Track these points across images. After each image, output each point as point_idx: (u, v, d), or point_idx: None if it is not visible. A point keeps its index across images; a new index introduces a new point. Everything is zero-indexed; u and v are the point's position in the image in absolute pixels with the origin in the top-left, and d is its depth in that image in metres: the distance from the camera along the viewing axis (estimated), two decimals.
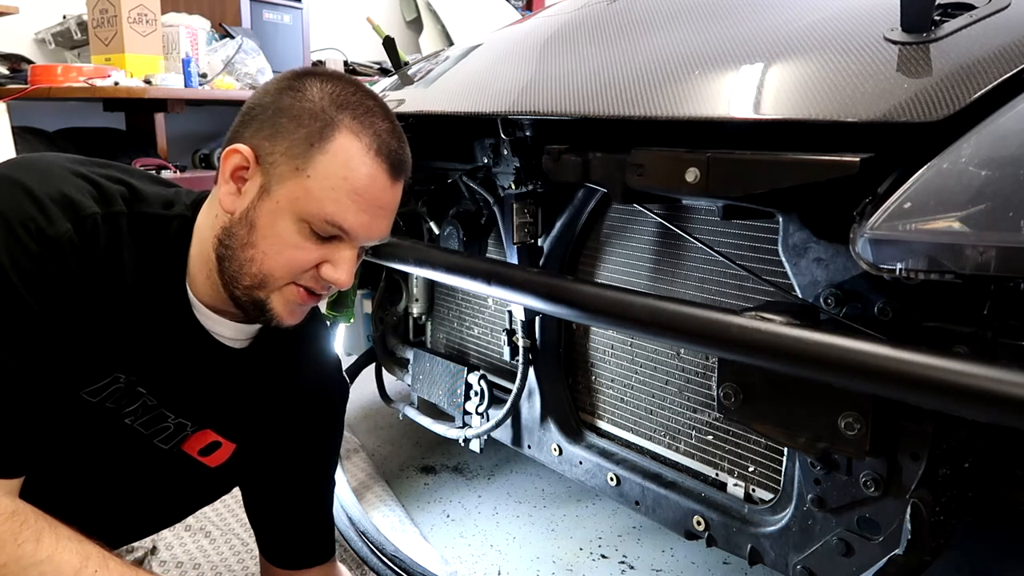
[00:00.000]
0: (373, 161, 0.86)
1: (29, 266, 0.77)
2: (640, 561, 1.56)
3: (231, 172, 0.86)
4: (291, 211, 0.85)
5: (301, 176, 0.84)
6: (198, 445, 1.01)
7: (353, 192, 0.85)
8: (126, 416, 0.92)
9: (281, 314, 0.90)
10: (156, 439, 0.96)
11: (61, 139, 2.77)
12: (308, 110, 0.85)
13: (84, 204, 0.82)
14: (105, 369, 0.88)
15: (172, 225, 0.90)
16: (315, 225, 0.85)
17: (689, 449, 1.31)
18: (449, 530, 1.69)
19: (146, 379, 0.91)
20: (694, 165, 0.96)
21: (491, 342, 1.71)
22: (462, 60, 1.56)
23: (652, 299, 0.96)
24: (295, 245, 0.86)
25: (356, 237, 0.88)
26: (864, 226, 0.77)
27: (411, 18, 4.67)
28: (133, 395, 0.91)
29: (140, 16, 2.74)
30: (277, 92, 0.88)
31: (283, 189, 0.85)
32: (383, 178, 0.88)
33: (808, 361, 0.81)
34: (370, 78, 3.83)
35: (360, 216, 0.86)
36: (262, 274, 0.87)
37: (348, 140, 0.85)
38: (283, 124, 0.85)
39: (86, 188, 0.84)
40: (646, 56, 1.14)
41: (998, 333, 0.83)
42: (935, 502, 0.91)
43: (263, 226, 0.85)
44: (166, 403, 0.94)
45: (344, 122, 0.85)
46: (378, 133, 0.87)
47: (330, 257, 0.88)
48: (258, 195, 0.85)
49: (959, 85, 0.79)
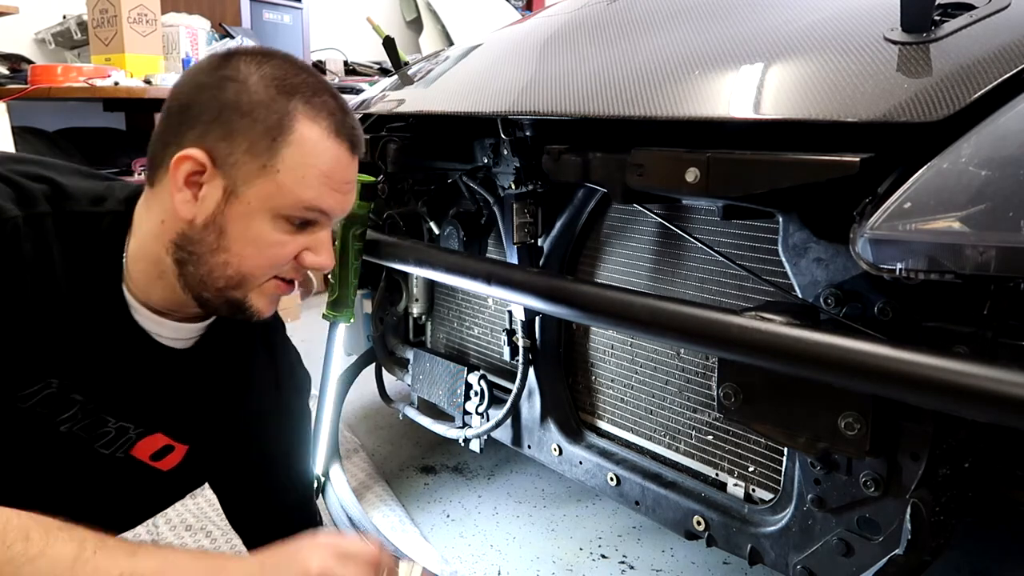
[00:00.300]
0: (335, 143, 0.86)
1: None
2: (640, 561, 1.56)
3: (184, 179, 0.83)
4: (265, 209, 0.84)
5: (270, 172, 0.83)
6: (149, 450, 0.98)
7: (323, 175, 0.85)
8: (62, 423, 0.89)
9: (260, 309, 0.89)
10: (97, 444, 0.94)
11: (61, 139, 2.77)
12: (258, 103, 0.83)
13: (3, 207, 0.79)
14: (37, 374, 0.85)
15: (103, 223, 0.87)
16: (292, 215, 0.85)
17: (689, 449, 1.31)
18: (449, 530, 1.69)
19: (81, 384, 0.89)
20: (694, 165, 0.96)
21: (491, 342, 1.71)
22: (462, 60, 1.56)
23: (652, 299, 0.96)
24: (274, 242, 0.85)
25: (333, 216, 0.89)
26: (864, 226, 0.77)
27: (411, 18, 4.68)
28: (67, 401, 0.89)
29: (140, 16, 2.74)
30: (214, 86, 0.84)
31: (252, 189, 0.83)
32: (346, 156, 0.88)
33: (808, 361, 0.81)
34: (370, 78, 3.84)
35: (334, 196, 0.87)
36: (240, 275, 0.86)
37: (307, 127, 0.84)
38: (235, 122, 0.82)
39: (5, 190, 0.81)
40: (646, 56, 1.14)
41: (998, 333, 0.83)
42: (935, 502, 0.91)
43: (236, 230, 0.84)
44: (105, 408, 0.92)
45: (298, 109, 0.84)
46: (332, 112, 0.87)
47: (309, 244, 0.88)
48: (224, 199, 0.83)
49: (959, 85, 0.79)
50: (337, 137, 0.86)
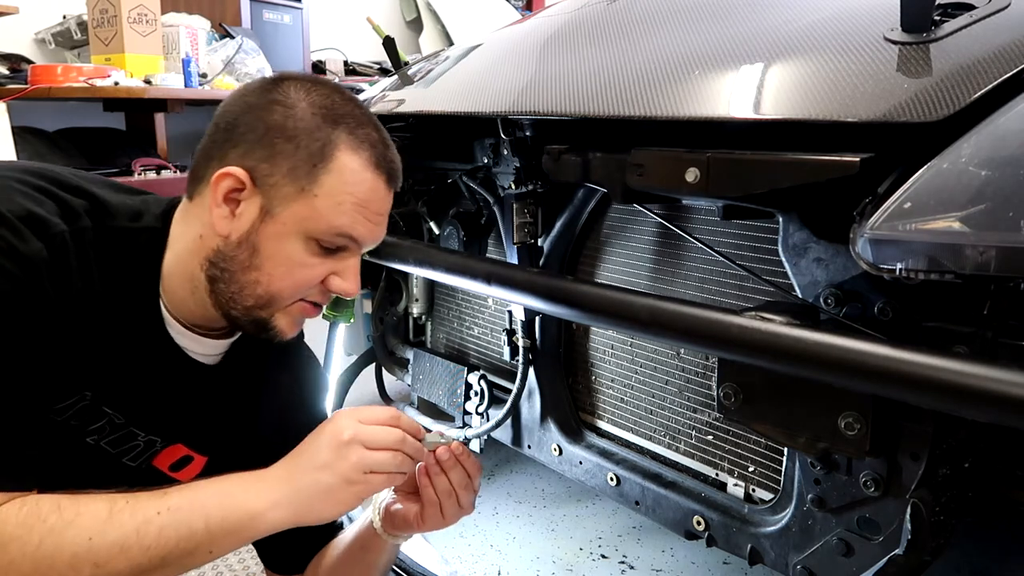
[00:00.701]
0: (374, 174, 0.88)
1: (9, 287, 0.76)
2: (640, 561, 1.56)
3: (224, 195, 0.85)
4: (299, 231, 0.85)
5: (308, 196, 0.84)
6: (169, 460, 1.00)
7: (359, 204, 0.87)
8: (89, 435, 0.91)
9: (284, 330, 0.91)
10: (125, 458, 0.95)
11: (61, 139, 2.77)
12: (303, 129, 0.85)
13: (51, 221, 0.81)
14: (73, 387, 0.86)
15: (141, 239, 0.89)
16: (324, 240, 0.86)
17: (689, 449, 1.31)
18: (449, 530, 1.68)
19: (114, 397, 0.90)
20: (694, 165, 0.96)
21: (491, 342, 1.71)
22: (462, 60, 1.55)
23: (652, 299, 0.96)
24: (303, 264, 0.87)
25: (363, 245, 0.90)
26: (864, 226, 0.77)
27: (411, 18, 4.68)
28: (98, 413, 0.90)
29: (140, 16, 2.74)
30: (262, 107, 0.86)
31: (288, 211, 0.85)
32: (382, 188, 0.90)
33: (808, 361, 0.80)
34: (370, 78, 3.84)
35: (367, 225, 0.88)
36: (269, 295, 0.87)
37: (348, 157, 0.86)
38: (279, 145, 0.84)
39: (49, 204, 0.82)
40: (646, 56, 1.14)
41: (998, 333, 0.83)
42: (935, 502, 0.91)
43: (268, 249, 0.85)
44: (135, 421, 0.93)
45: (341, 138, 0.86)
46: (373, 144, 0.88)
47: (336, 268, 0.89)
48: (260, 218, 0.85)
49: (959, 85, 0.79)
50: (376, 169, 0.88)
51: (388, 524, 1.02)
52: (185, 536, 0.78)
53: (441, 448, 0.96)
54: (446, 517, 0.98)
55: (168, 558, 0.78)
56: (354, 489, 0.83)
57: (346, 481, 0.83)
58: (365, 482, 0.84)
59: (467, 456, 0.98)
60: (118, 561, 0.75)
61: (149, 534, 0.77)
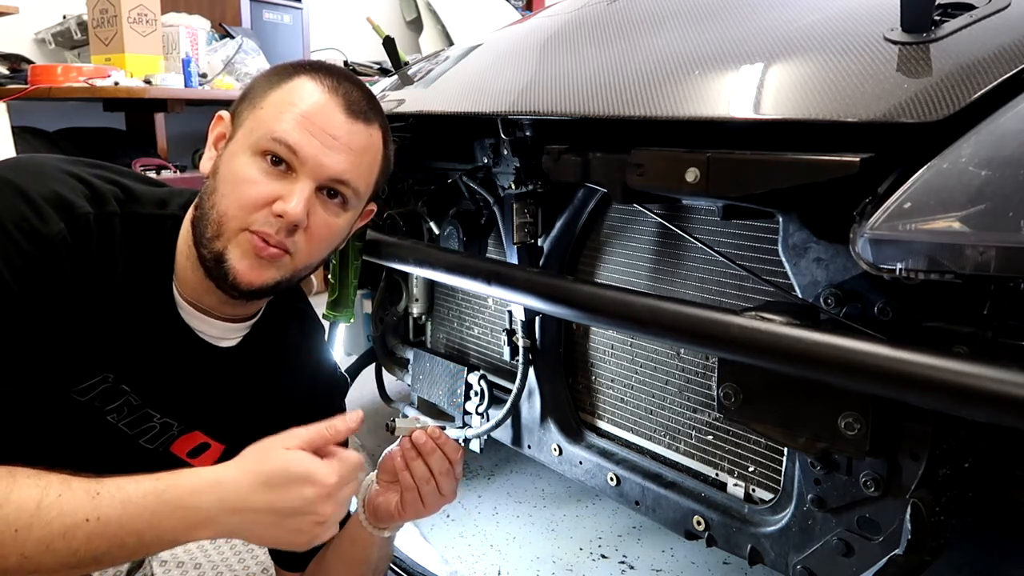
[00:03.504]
0: (328, 96, 0.88)
1: (23, 265, 0.77)
2: (640, 561, 1.56)
3: (215, 140, 0.91)
4: (245, 146, 0.87)
5: (255, 110, 0.88)
6: (187, 447, 1.00)
7: (301, 115, 0.86)
8: (108, 414, 0.92)
9: (238, 268, 0.86)
10: (141, 439, 0.96)
11: (61, 139, 2.77)
12: (281, 70, 0.91)
13: (77, 204, 0.82)
14: (96, 368, 0.88)
15: (165, 225, 0.91)
16: (264, 148, 0.85)
17: (689, 449, 1.31)
18: (449, 530, 1.69)
19: (131, 378, 0.91)
20: (694, 165, 0.96)
21: (491, 342, 1.71)
22: (462, 60, 1.56)
23: (652, 299, 0.96)
24: (247, 179, 0.85)
25: (306, 161, 0.86)
26: (864, 226, 0.77)
27: (411, 18, 4.68)
28: (118, 393, 0.91)
29: (140, 16, 2.74)
30: (264, 76, 0.92)
31: (240, 130, 0.88)
32: (337, 112, 0.88)
33: (808, 361, 0.81)
34: (370, 78, 3.83)
35: (308, 138, 0.85)
36: (219, 217, 0.85)
37: (305, 80, 0.89)
38: (256, 88, 0.90)
39: (79, 188, 0.84)
40: (646, 56, 1.14)
41: (998, 333, 0.83)
42: (935, 502, 0.91)
43: (223, 170, 0.88)
44: (151, 402, 0.94)
45: (308, 72, 0.89)
46: (340, 83, 0.89)
47: (282, 192, 0.85)
48: (224, 145, 0.90)
49: (959, 85, 0.79)
50: (332, 93, 0.89)
51: (372, 516, 1.02)
52: (116, 546, 0.75)
53: (417, 432, 0.95)
54: (426, 505, 0.98)
55: (101, 560, 0.75)
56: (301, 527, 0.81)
57: (296, 531, 0.81)
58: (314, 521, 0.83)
59: (445, 441, 0.96)
60: (44, 557, 0.73)
61: (77, 538, 0.73)
